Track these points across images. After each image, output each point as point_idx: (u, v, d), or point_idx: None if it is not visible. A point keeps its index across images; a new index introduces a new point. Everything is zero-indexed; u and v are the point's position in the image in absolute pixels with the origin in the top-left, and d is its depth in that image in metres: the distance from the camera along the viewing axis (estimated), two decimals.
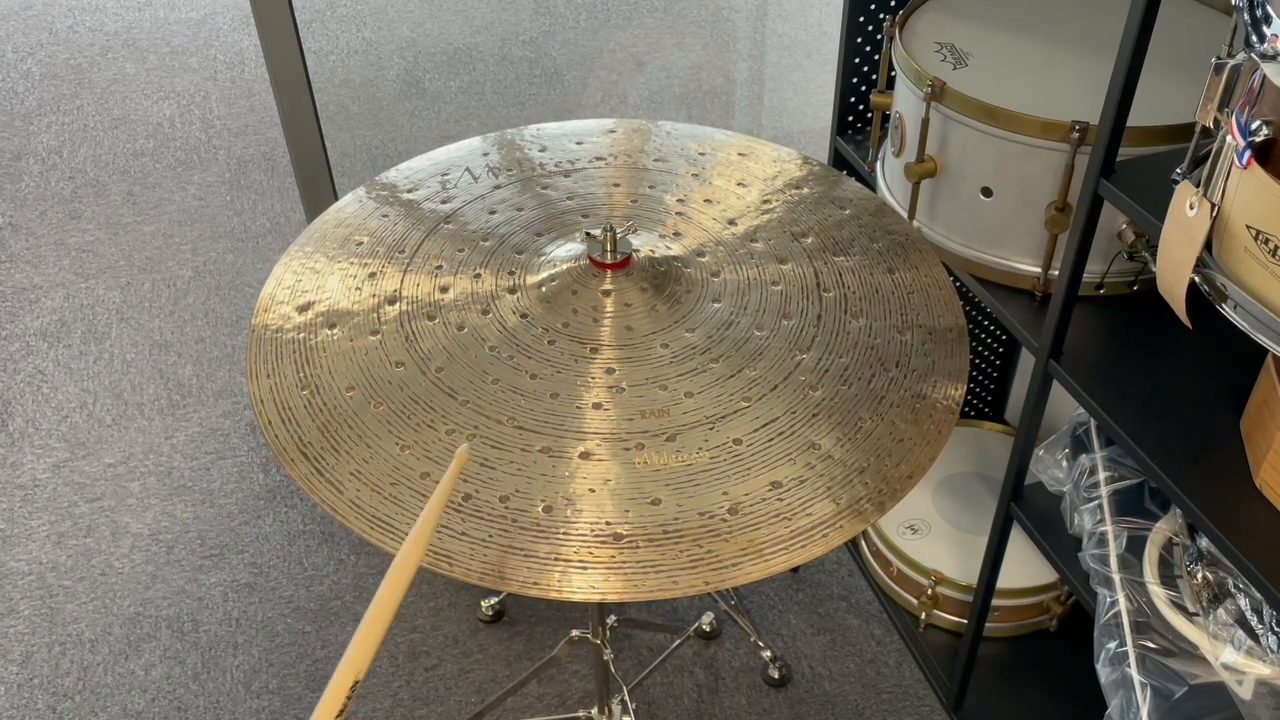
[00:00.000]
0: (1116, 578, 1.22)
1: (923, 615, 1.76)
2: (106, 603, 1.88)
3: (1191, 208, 0.93)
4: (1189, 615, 1.16)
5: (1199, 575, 1.16)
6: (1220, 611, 1.13)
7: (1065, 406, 1.38)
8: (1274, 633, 1.08)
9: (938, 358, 1.04)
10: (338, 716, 0.51)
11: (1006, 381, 2.05)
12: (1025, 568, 1.68)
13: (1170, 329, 1.07)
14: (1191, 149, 0.99)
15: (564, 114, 3.08)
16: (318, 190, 1.97)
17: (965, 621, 1.67)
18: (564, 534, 0.87)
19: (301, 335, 1.05)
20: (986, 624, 1.61)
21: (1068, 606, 1.72)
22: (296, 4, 1.76)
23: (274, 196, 2.79)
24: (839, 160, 1.73)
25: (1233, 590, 1.12)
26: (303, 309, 1.08)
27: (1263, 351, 0.97)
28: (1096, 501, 1.30)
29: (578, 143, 1.32)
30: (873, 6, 1.60)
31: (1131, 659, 1.17)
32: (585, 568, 0.85)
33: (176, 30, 3.47)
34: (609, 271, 1.08)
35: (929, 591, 1.73)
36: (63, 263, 2.58)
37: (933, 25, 1.45)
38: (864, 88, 1.69)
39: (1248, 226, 0.88)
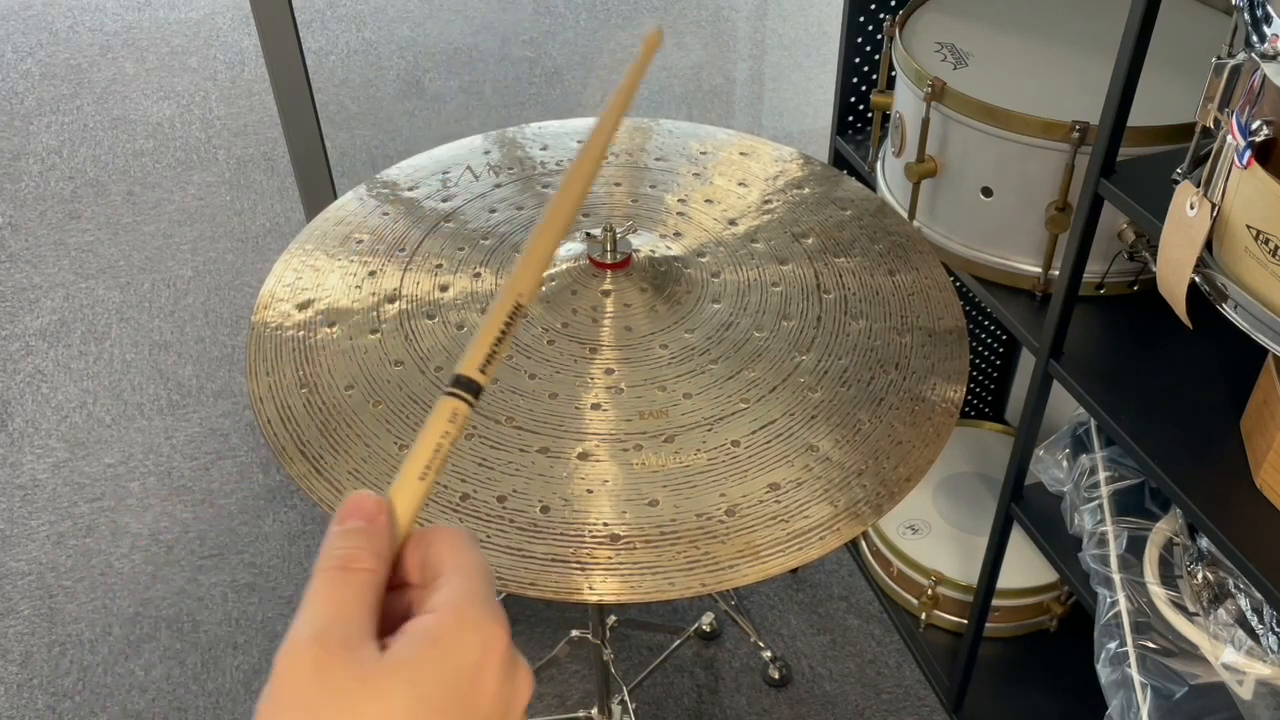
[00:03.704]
0: (1116, 578, 1.22)
1: (923, 615, 1.76)
2: (106, 603, 1.88)
3: (1192, 208, 0.93)
4: (1189, 615, 1.16)
5: (1199, 575, 1.16)
6: (1220, 611, 1.12)
7: (1065, 406, 1.37)
8: (1274, 633, 1.08)
9: (937, 360, 1.04)
10: (493, 352, 0.47)
11: (1006, 381, 2.05)
12: (1025, 568, 1.68)
13: (1170, 329, 1.06)
14: (1191, 149, 0.99)
15: (564, 114, 3.08)
16: (317, 190, 1.97)
17: (965, 621, 1.67)
18: (561, 535, 0.87)
19: (301, 333, 1.05)
20: (986, 624, 1.61)
21: (1068, 606, 1.72)
22: (296, 4, 1.76)
23: (274, 196, 2.79)
24: (839, 160, 1.73)
25: (1233, 590, 1.12)
26: (302, 307, 1.08)
27: (1263, 351, 0.97)
28: (1096, 501, 1.29)
29: (579, 141, 1.32)
30: (873, 6, 1.60)
31: (1132, 659, 1.17)
32: (582, 569, 0.85)
33: (176, 30, 3.47)
34: (609, 271, 1.07)
35: (929, 591, 1.73)
36: (63, 263, 2.58)
37: (933, 25, 1.45)
38: (864, 88, 1.68)
39: (1248, 226, 0.88)
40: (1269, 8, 0.83)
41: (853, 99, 1.70)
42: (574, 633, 1.66)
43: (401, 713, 0.37)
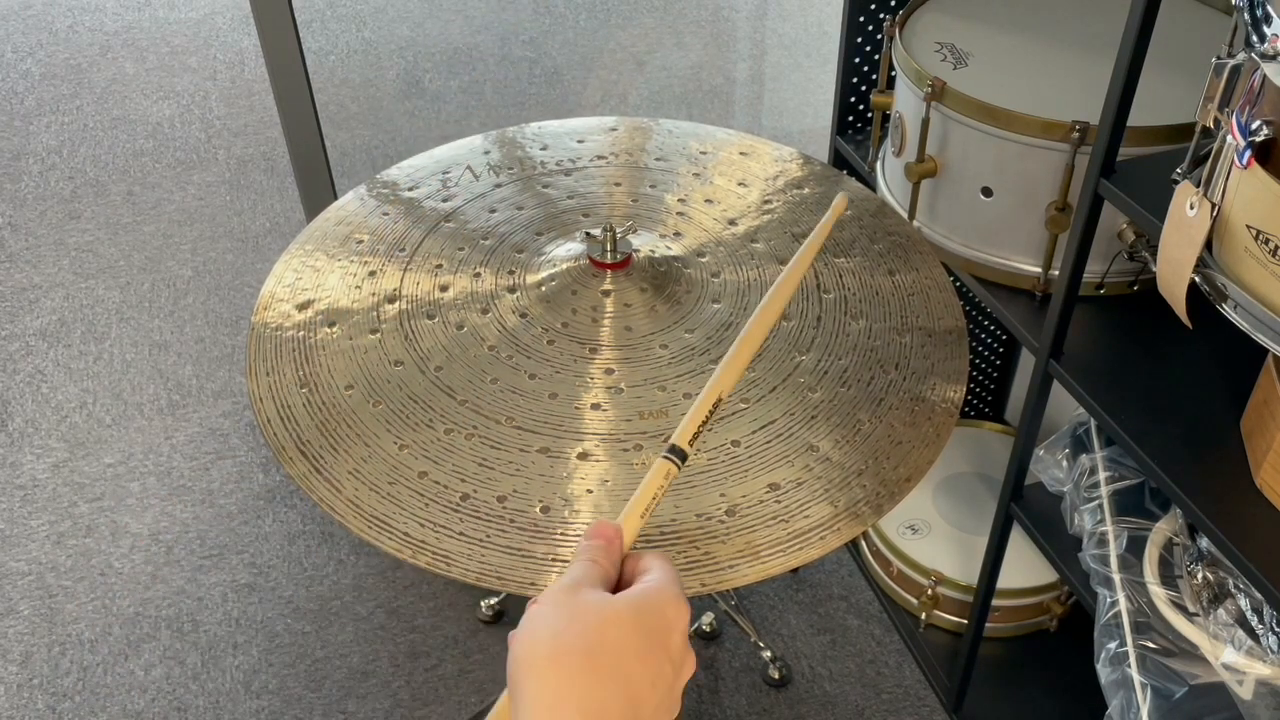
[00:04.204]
0: (1116, 578, 1.22)
1: (923, 615, 1.76)
2: (106, 603, 1.88)
3: (1191, 208, 0.93)
4: (1189, 615, 1.16)
5: (1199, 575, 1.16)
6: (1220, 611, 1.13)
7: (1065, 406, 1.37)
8: (1274, 633, 1.08)
9: (937, 360, 1.04)
10: (699, 431, 0.66)
11: (1006, 381, 2.05)
12: (1025, 568, 1.68)
13: (1170, 329, 1.06)
14: (1191, 149, 0.99)
15: (564, 114, 3.08)
16: (317, 190, 1.97)
17: (965, 621, 1.67)
18: (561, 535, 0.87)
19: (301, 333, 1.05)
20: (986, 624, 1.61)
21: (1068, 606, 1.72)
22: (296, 4, 1.76)
23: (274, 196, 2.79)
24: (839, 160, 1.73)
25: (1233, 590, 1.12)
26: (302, 307, 1.08)
27: (1263, 351, 0.97)
28: (1096, 501, 1.29)
29: (579, 141, 1.32)
30: (873, 6, 1.60)
31: (1131, 659, 1.17)
32: None
33: (176, 30, 3.47)
34: (609, 271, 1.07)
35: (929, 591, 1.73)
36: (62, 263, 2.58)
37: (933, 25, 1.45)
38: (864, 88, 1.68)
39: (1248, 226, 0.88)
40: (1269, 8, 0.83)
41: (853, 99, 1.70)
42: None
43: (622, 625, 0.54)
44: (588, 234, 1.10)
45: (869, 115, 1.72)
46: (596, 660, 0.53)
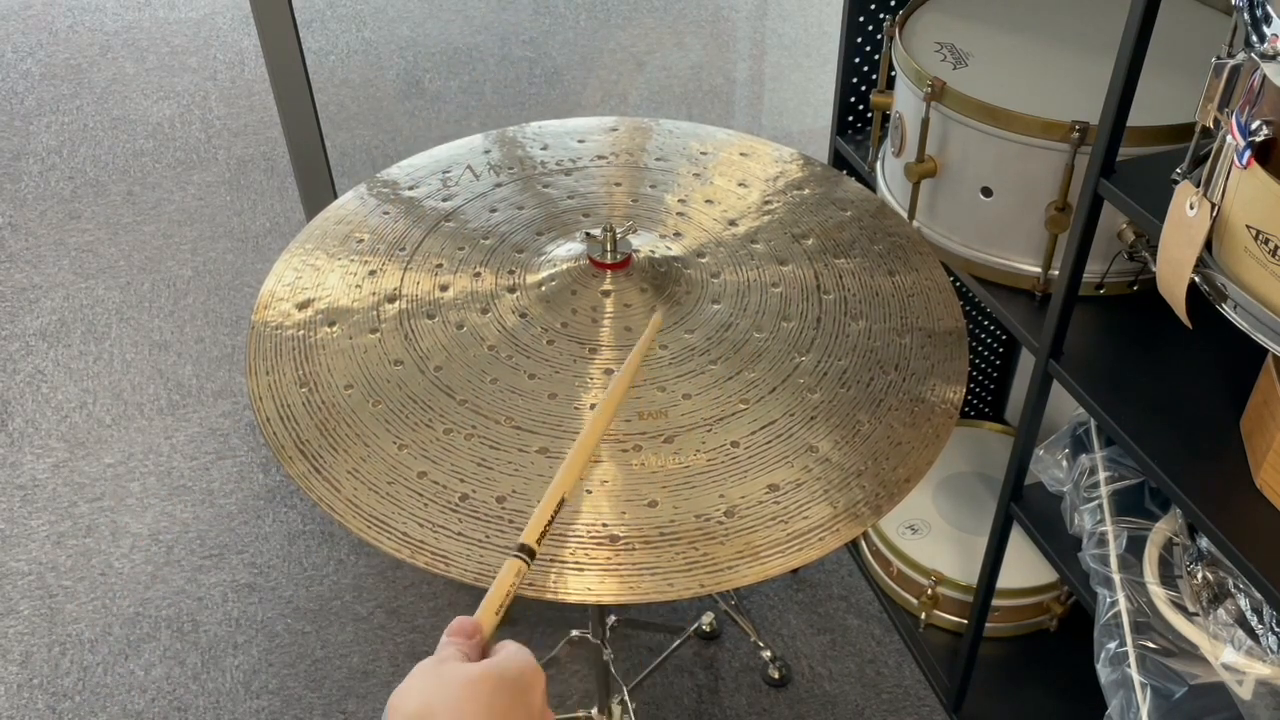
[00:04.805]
0: (1116, 578, 1.22)
1: (923, 615, 1.76)
2: (106, 603, 1.88)
3: (1191, 208, 0.93)
4: (1189, 615, 1.16)
5: (1199, 575, 1.16)
6: (1220, 611, 1.12)
7: (1065, 406, 1.37)
8: (1274, 633, 1.08)
9: (937, 361, 1.04)
10: (545, 529, 0.73)
11: (1006, 381, 2.05)
12: (1025, 568, 1.68)
13: (1170, 329, 1.06)
14: (1191, 149, 0.99)
15: (564, 114, 3.08)
16: (317, 190, 1.97)
17: (965, 621, 1.67)
18: (560, 535, 0.87)
19: (301, 332, 1.05)
20: (986, 624, 1.61)
21: (1068, 606, 1.72)
22: (296, 4, 1.76)
23: (274, 196, 2.79)
24: (839, 160, 1.73)
25: (1233, 590, 1.12)
26: (302, 306, 1.08)
27: (1263, 351, 0.97)
28: (1096, 501, 1.29)
29: (579, 141, 1.32)
30: (873, 6, 1.60)
31: (1131, 659, 1.17)
32: (581, 569, 0.85)
33: (176, 30, 3.47)
34: (609, 272, 1.07)
35: (929, 591, 1.73)
36: (62, 263, 2.58)
37: (933, 25, 1.45)
38: (864, 88, 1.68)
39: (1248, 226, 0.88)
40: (1269, 8, 0.83)
41: (853, 99, 1.70)
42: (574, 633, 1.66)
43: (485, 685, 0.58)
44: (588, 234, 1.10)
45: (869, 115, 1.72)
46: (465, 717, 0.58)
